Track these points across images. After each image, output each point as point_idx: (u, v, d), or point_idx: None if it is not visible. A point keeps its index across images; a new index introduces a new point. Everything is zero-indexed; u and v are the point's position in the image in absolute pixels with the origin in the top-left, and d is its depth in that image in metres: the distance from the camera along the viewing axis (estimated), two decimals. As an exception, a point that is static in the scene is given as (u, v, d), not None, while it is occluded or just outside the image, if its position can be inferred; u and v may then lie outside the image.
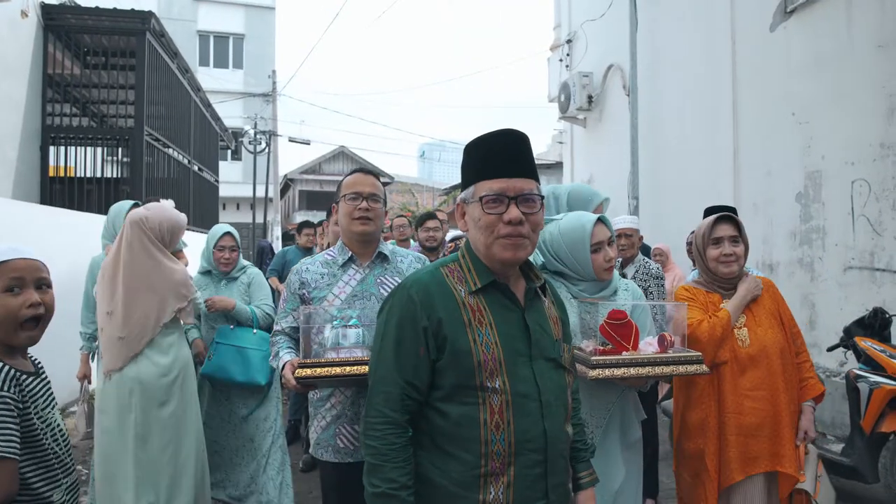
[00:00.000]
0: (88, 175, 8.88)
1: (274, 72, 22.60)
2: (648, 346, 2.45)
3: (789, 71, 6.29)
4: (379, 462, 1.50)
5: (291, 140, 20.57)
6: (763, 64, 6.67)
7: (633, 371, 2.25)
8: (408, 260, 2.50)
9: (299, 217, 31.91)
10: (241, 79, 25.34)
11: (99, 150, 9.27)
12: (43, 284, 1.72)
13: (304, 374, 2.04)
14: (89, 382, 3.82)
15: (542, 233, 2.32)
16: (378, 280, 2.39)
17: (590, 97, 10.48)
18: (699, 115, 7.72)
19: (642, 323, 2.55)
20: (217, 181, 13.78)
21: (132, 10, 9.15)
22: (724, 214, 2.64)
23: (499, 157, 1.57)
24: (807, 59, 6.08)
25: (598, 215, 2.47)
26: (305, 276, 2.40)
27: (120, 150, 9.35)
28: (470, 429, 1.49)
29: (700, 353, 2.41)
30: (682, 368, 2.33)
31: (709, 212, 3.65)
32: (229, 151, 21.54)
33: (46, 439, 1.65)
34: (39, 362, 1.80)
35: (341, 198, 2.40)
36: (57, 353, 5.30)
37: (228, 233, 3.96)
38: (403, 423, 1.53)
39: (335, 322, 2.16)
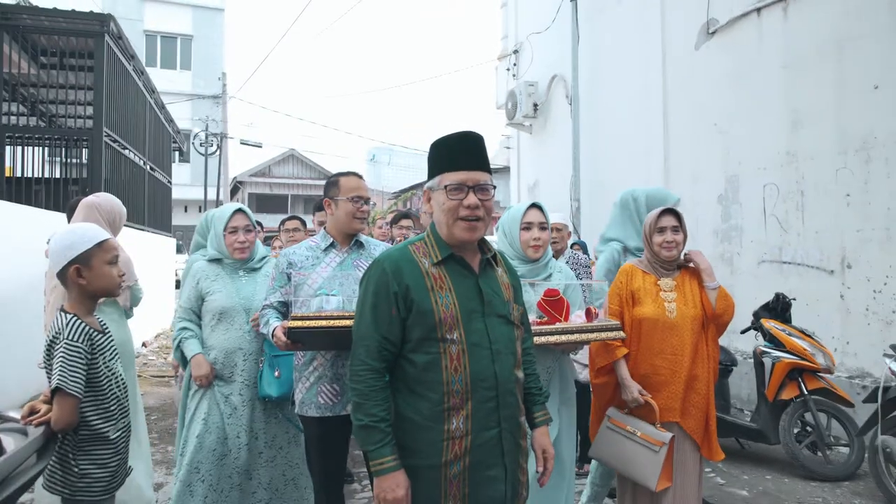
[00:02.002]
0: (46, 176, 8.92)
1: (224, 74, 22.57)
2: (577, 318, 2.96)
3: (711, 85, 6.99)
4: (362, 401, 1.88)
5: (243, 143, 20.63)
6: (689, 78, 7.36)
7: (564, 338, 2.75)
8: (379, 248, 2.96)
9: (249, 220, 31.70)
10: (190, 80, 25.17)
11: (56, 149, 9.30)
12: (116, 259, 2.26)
13: (294, 325, 2.43)
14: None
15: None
16: (355, 262, 2.84)
17: (535, 105, 11.08)
18: (634, 124, 8.37)
19: (573, 300, 3.07)
20: (170, 183, 13.84)
21: (91, 12, 9.24)
22: (668, 208, 3.15)
23: (461, 153, 1.96)
24: (726, 75, 6.78)
25: (533, 201, 3.03)
26: (293, 257, 2.83)
27: (77, 150, 9.43)
28: (434, 373, 1.87)
29: (618, 322, 2.94)
30: (604, 335, 2.85)
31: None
32: (177, 153, 21.40)
33: (111, 386, 2.05)
34: (104, 323, 2.25)
35: (346, 198, 2.79)
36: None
37: (240, 210, 3.33)
38: (381, 370, 1.92)
39: (320, 291, 2.60)
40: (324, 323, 2.43)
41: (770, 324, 4.87)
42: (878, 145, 5.17)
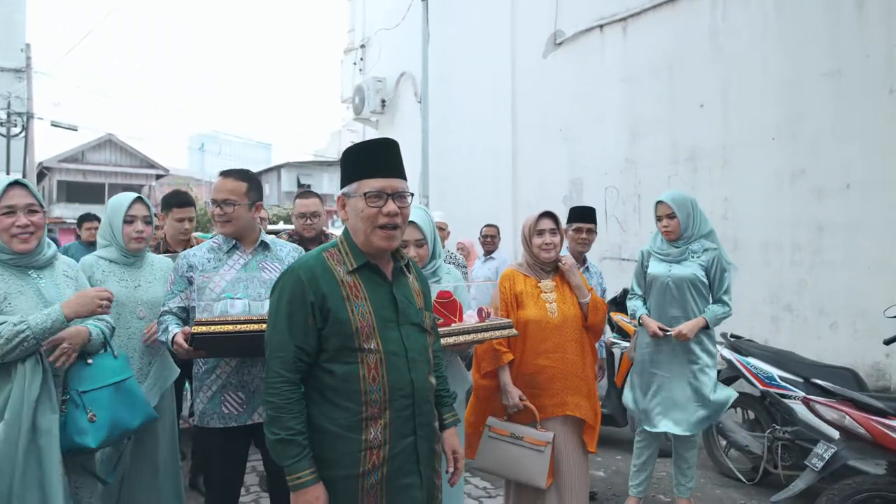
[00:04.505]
0: None
1: (28, 45, 19.89)
2: (470, 318, 3.01)
3: (558, 93, 7.44)
4: (278, 414, 1.81)
5: (55, 125, 18.27)
6: (537, 85, 7.78)
7: (462, 338, 2.78)
8: (286, 249, 2.80)
9: (58, 210, 28.42)
10: (-19, 49, 21.86)
11: None
12: None
13: (199, 330, 2.23)
14: None
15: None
16: (260, 265, 2.67)
17: (383, 101, 11.08)
18: (484, 125, 8.67)
19: (463, 300, 3.12)
20: (-40, 167, 11.95)
21: None
22: (547, 211, 3.27)
23: (379, 160, 1.93)
24: (571, 85, 7.26)
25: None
26: (193, 259, 2.60)
27: None
28: (352, 383, 1.84)
29: (510, 320, 3.03)
30: (497, 333, 2.92)
31: (574, 210, 4.29)
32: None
33: None
34: None
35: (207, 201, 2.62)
36: None
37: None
38: (297, 381, 1.85)
39: (225, 294, 2.39)
40: (230, 328, 2.25)
41: (618, 317, 5.30)
42: (705, 157, 5.82)
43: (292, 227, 5.31)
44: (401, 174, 1.97)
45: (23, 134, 18.50)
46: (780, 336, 5.15)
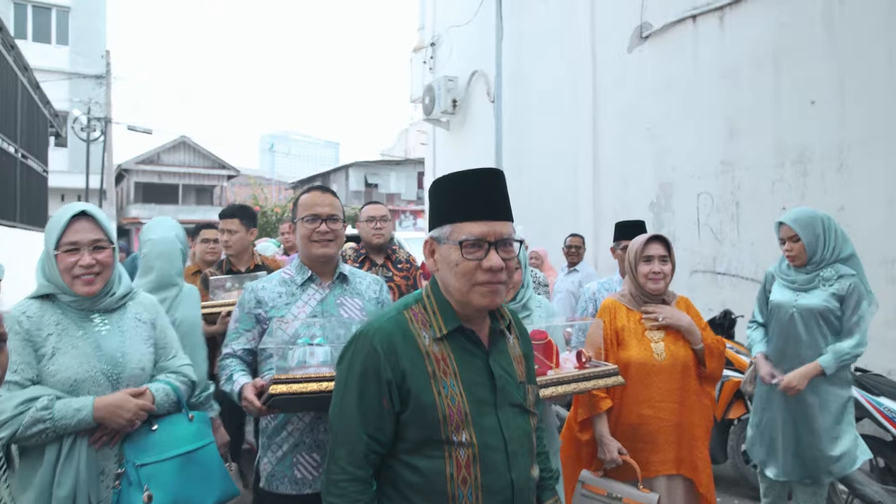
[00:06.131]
0: None
1: (108, 52, 20.61)
2: (566, 362, 2.61)
3: (644, 89, 6.89)
4: None
5: (131, 128, 18.90)
6: (621, 81, 7.24)
7: (561, 389, 2.39)
8: (366, 282, 2.46)
9: (134, 210, 29.54)
10: (67, 56, 22.80)
11: None
12: None
13: (279, 390, 1.90)
14: None
15: None
16: (338, 300, 2.34)
17: (454, 101, 10.73)
18: (561, 126, 8.19)
19: (557, 338, 2.71)
20: (46, 171, 12.37)
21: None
22: (657, 235, 2.86)
23: (479, 198, 1.52)
24: (659, 80, 6.69)
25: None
26: (262, 293, 2.29)
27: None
28: (436, 482, 1.47)
29: (616, 366, 2.61)
30: (601, 382, 2.50)
31: (620, 226, 3.93)
32: (53, 138, 19.41)
33: None
34: None
35: (299, 219, 2.32)
36: None
37: (83, 213, 2.10)
38: (367, 478, 1.51)
39: (300, 340, 2.07)
40: (315, 387, 1.91)
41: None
42: (816, 159, 5.19)
43: (354, 231, 5.01)
44: (507, 215, 1.56)
45: (102, 138, 19.19)
46: (910, 367, 4.50)
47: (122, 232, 26.47)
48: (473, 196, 1.54)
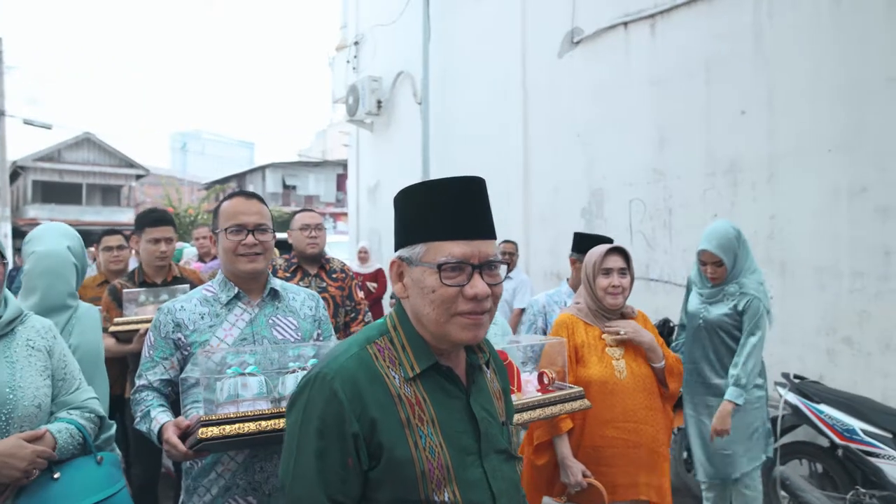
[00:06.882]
0: None
1: (0, 39, 18.97)
2: (528, 384, 2.41)
3: (575, 95, 6.84)
4: None
5: (28, 122, 17.36)
6: (552, 87, 7.17)
7: (526, 416, 2.18)
8: (300, 297, 2.17)
9: (32, 211, 27.39)
10: (-51, 43, 20.81)
11: None
12: None
13: (210, 433, 1.60)
14: None
15: None
16: (270, 320, 2.04)
17: (379, 102, 10.42)
18: (491, 128, 8.05)
19: (514, 358, 2.51)
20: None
21: None
22: (617, 247, 2.74)
23: (461, 212, 1.28)
24: (590, 87, 6.65)
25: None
26: (180, 315, 1.96)
27: None
28: None
29: (582, 389, 2.43)
30: (568, 406, 2.32)
31: (579, 237, 3.86)
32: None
33: None
34: None
35: (221, 231, 1.99)
36: None
37: None
38: None
39: (229, 370, 1.75)
40: (252, 427, 1.62)
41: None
42: (746, 169, 5.26)
43: (283, 236, 4.67)
44: (491, 232, 1.31)
45: (-7, 133, 17.61)
46: (839, 372, 4.60)
47: (19, 234, 24.51)
48: (453, 210, 1.28)
